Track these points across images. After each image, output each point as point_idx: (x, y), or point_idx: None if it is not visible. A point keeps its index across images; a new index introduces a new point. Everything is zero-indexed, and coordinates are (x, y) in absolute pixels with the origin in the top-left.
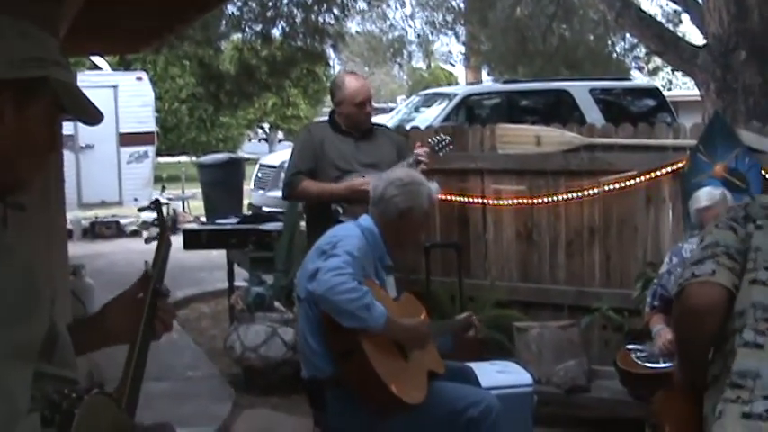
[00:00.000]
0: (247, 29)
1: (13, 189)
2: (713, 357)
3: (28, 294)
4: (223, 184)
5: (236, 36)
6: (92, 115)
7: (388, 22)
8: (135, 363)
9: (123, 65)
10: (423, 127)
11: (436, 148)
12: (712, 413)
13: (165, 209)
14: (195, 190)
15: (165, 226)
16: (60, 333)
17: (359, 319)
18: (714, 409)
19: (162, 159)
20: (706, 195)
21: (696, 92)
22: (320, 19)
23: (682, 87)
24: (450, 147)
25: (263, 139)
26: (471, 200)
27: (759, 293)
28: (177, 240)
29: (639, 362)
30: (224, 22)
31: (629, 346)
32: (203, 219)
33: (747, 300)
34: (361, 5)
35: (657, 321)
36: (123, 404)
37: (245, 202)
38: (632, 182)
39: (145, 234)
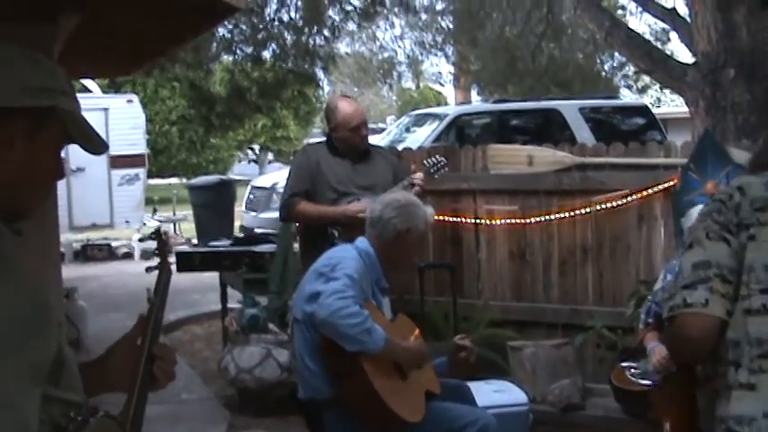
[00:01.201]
0: (238, 51)
1: (18, 216)
2: (706, 361)
3: (38, 317)
4: (214, 205)
5: (228, 58)
6: (97, 145)
7: (378, 43)
8: (138, 389)
9: (113, 87)
10: (414, 147)
11: (431, 170)
12: (706, 409)
13: (163, 236)
14: (186, 212)
15: (165, 254)
16: (67, 357)
17: (360, 342)
18: (708, 404)
19: (153, 181)
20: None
21: (685, 109)
22: (311, 41)
23: (670, 104)
24: (446, 168)
25: (254, 160)
26: (464, 220)
27: (753, 325)
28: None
29: (634, 379)
30: (215, 44)
31: (624, 364)
32: (195, 241)
33: (741, 330)
34: (351, 27)
35: (652, 338)
36: (128, 428)
37: (237, 223)
38: (624, 200)
39: (146, 264)
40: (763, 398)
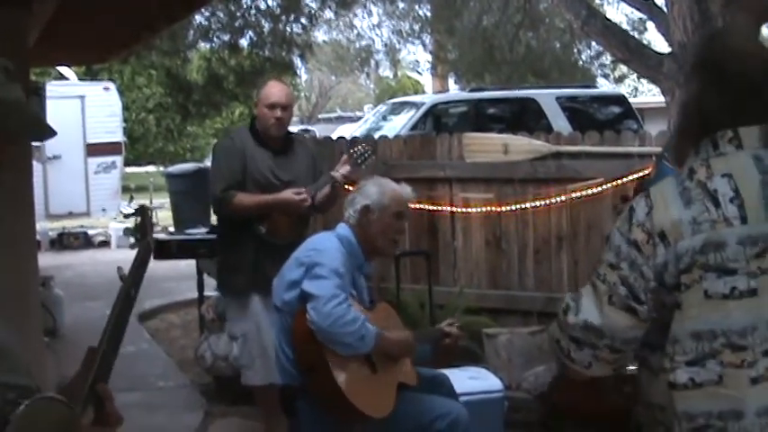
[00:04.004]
0: (215, 39)
1: None
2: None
3: None
4: (192, 193)
5: (204, 46)
6: (40, 131)
7: (356, 32)
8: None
9: (90, 75)
10: (391, 136)
11: (358, 160)
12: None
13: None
14: (163, 200)
15: (147, 230)
16: (4, 340)
17: (353, 348)
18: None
19: (129, 169)
20: None
21: (662, 98)
22: (288, 29)
23: (647, 94)
24: (373, 158)
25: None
26: (440, 208)
27: (681, 400)
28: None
29: None
30: (192, 31)
31: None
32: (171, 228)
33: (666, 400)
34: (329, 15)
35: None
36: (79, 407)
37: None
38: (599, 189)
39: (123, 252)
40: None
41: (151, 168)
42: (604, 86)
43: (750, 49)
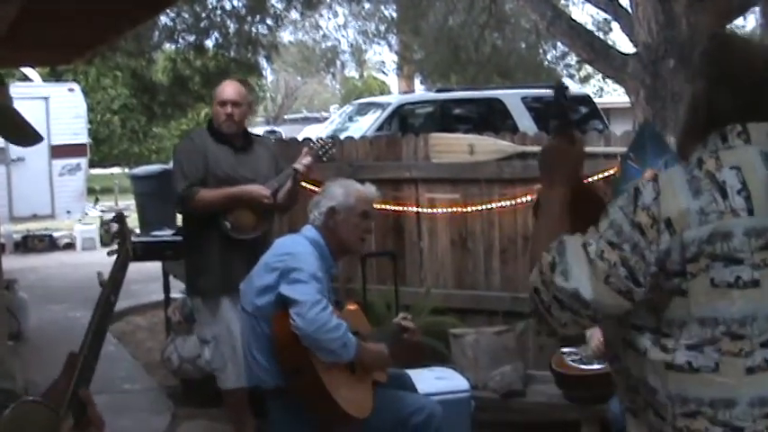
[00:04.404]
0: (181, 39)
1: None
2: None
3: None
4: (157, 195)
5: (170, 47)
6: (26, 138)
7: (321, 32)
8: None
9: (54, 76)
10: (357, 136)
11: (320, 153)
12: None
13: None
14: (128, 202)
15: (125, 238)
16: None
17: (337, 355)
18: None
19: (94, 171)
20: None
21: (627, 99)
22: (254, 29)
23: (613, 94)
24: (333, 150)
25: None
26: (406, 208)
27: (676, 382)
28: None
29: (574, 364)
30: (157, 32)
31: (564, 350)
32: (137, 230)
33: (659, 382)
34: (294, 15)
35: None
36: (62, 411)
37: None
38: None
39: (87, 254)
40: None
41: (116, 170)
42: (570, 87)
43: (753, 48)
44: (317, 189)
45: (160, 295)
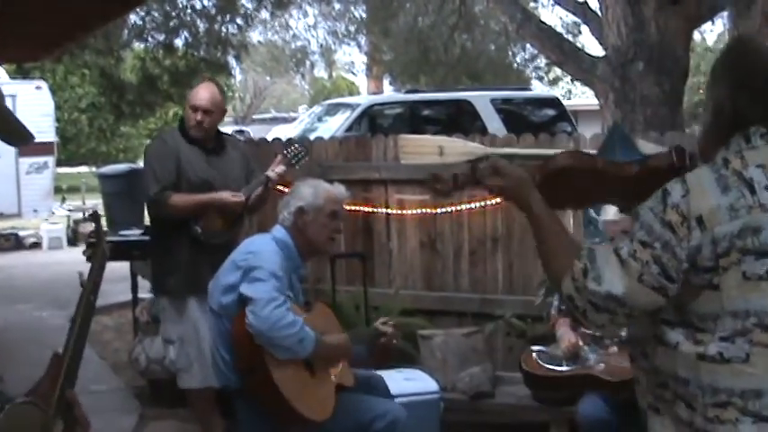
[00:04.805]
0: (150, 38)
1: None
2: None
3: None
4: (125, 194)
5: (139, 45)
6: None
7: (291, 32)
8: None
9: (21, 73)
10: (326, 137)
11: (293, 160)
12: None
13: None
14: (96, 201)
15: (101, 238)
16: None
17: (293, 352)
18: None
19: (61, 170)
20: (615, 209)
21: (595, 101)
22: (223, 29)
23: (581, 97)
24: (307, 158)
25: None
26: (375, 210)
27: (708, 372)
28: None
29: (543, 363)
30: (126, 31)
31: (534, 348)
32: (105, 230)
33: (692, 372)
34: (264, 15)
35: (562, 325)
36: (51, 412)
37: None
38: None
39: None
40: None
41: (83, 169)
42: (538, 89)
43: None
44: (286, 190)
45: (127, 295)
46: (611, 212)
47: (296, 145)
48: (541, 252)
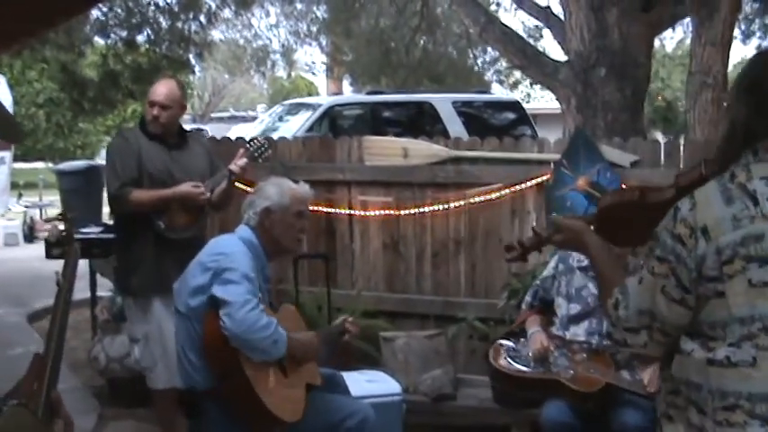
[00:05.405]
0: (112, 34)
1: None
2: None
3: None
4: (83, 191)
5: (101, 41)
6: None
7: (253, 31)
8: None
9: None
10: (288, 136)
11: (255, 153)
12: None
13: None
14: (53, 197)
15: (72, 237)
16: None
17: (267, 354)
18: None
19: (18, 165)
20: None
21: (554, 105)
22: (186, 26)
23: (539, 100)
24: (269, 152)
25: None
26: (338, 211)
27: (716, 377)
28: (39, 250)
29: (511, 360)
30: (88, 26)
31: (502, 342)
32: (62, 227)
33: (703, 377)
34: (227, 14)
35: (534, 323)
36: (39, 413)
37: (106, 210)
38: (498, 194)
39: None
40: None
41: (40, 165)
42: (499, 92)
43: None
44: (250, 189)
45: (85, 293)
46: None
47: (258, 138)
48: (600, 291)
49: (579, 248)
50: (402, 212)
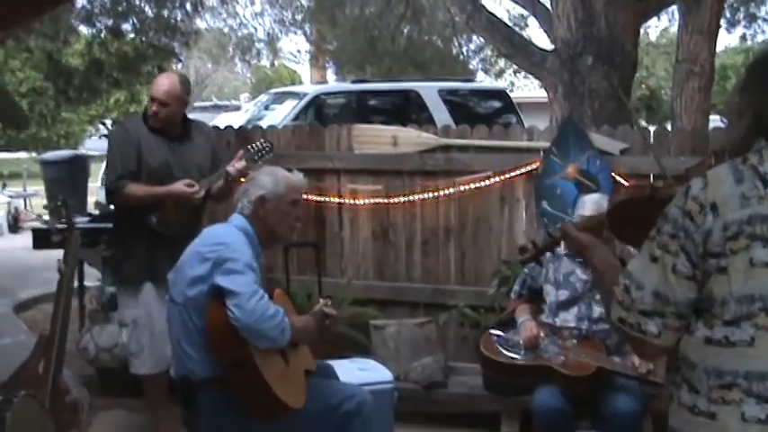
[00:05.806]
0: (98, 23)
1: None
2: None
3: None
4: (68, 181)
5: (87, 30)
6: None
7: (238, 20)
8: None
9: None
10: (275, 125)
11: (255, 156)
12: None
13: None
14: (38, 187)
15: (72, 224)
16: None
17: (275, 341)
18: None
19: (1, 155)
20: (591, 204)
21: (539, 93)
22: (172, 15)
23: (524, 89)
24: (271, 154)
25: (105, 135)
26: (328, 199)
27: (713, 355)
28: (26, 240)
29: (501, 348)
30: (73, 15)
31: (493, 331)
32: (46, 217)
33: (699, 355)
34: (213, 2)
35: (523, 312)
36: (46, 402)
37: (92, 199)
38: (487, 182)
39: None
40: (720, 428)
41: (23, 155)
42: (484, 80)
43: None
44: (242, 179)
45: (73, 283)
46: (588, 207)
47: (261, 140)
48: (602, 297)
49: (585, 262)
50: (391, 200)
